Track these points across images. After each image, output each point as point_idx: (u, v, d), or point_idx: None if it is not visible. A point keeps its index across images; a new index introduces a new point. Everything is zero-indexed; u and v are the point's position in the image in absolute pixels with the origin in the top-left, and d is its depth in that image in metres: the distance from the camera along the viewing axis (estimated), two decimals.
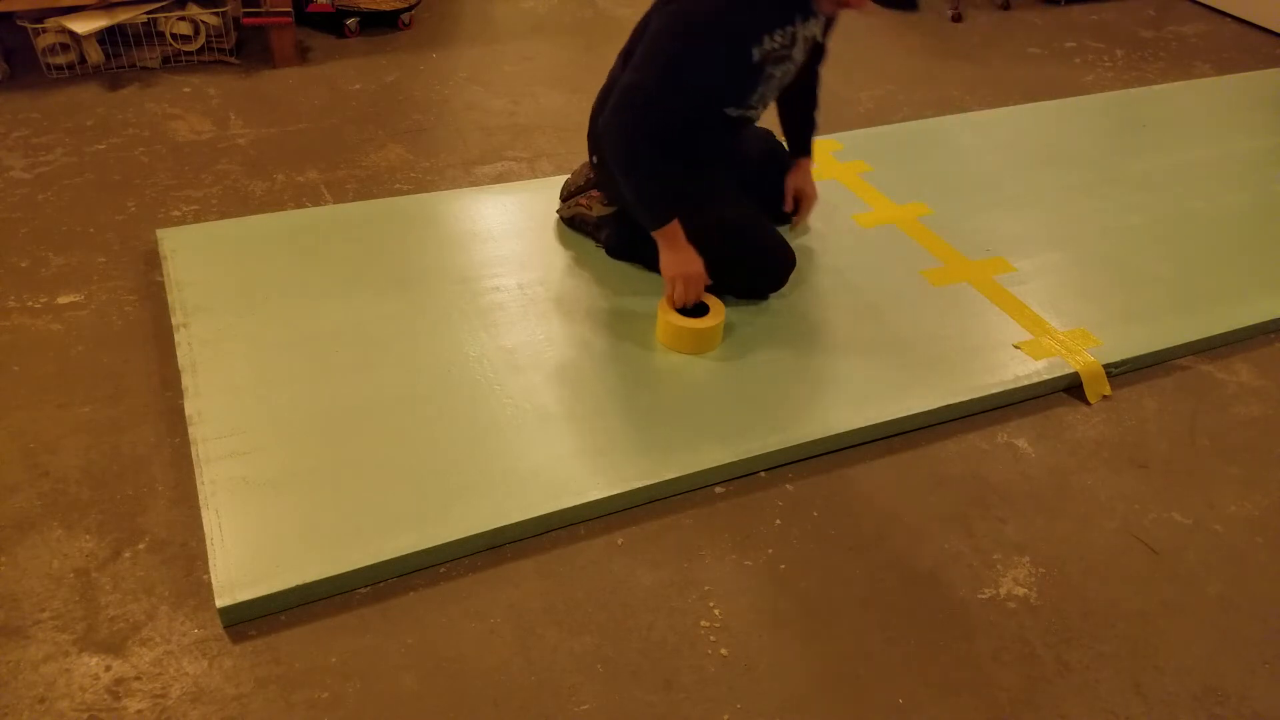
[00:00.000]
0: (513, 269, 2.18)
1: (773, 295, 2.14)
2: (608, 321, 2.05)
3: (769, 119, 2.26)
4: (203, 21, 2.96)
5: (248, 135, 2.70)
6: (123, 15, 2.85)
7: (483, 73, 3.14)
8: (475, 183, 2.56)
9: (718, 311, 2.00)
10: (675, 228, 1.96)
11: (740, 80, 1.97)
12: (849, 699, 1.44)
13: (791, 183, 2.27)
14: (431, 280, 2.13)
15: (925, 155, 2.77)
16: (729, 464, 1.75)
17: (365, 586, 1.54)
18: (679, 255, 1.98)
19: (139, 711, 1.36)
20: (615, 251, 2.22)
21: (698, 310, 2.01)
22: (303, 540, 1.55)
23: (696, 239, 2.00)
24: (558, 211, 2.35)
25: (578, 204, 2.29)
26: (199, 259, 2.14)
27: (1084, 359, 2.03)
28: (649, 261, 2.16)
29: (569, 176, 2.38)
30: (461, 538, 1.58)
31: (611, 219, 2.22)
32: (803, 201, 2.29)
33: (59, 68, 2.90)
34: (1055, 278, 2.29)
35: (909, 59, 3.43)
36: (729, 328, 2.04)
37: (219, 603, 1.46)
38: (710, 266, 2.03)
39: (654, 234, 1.98)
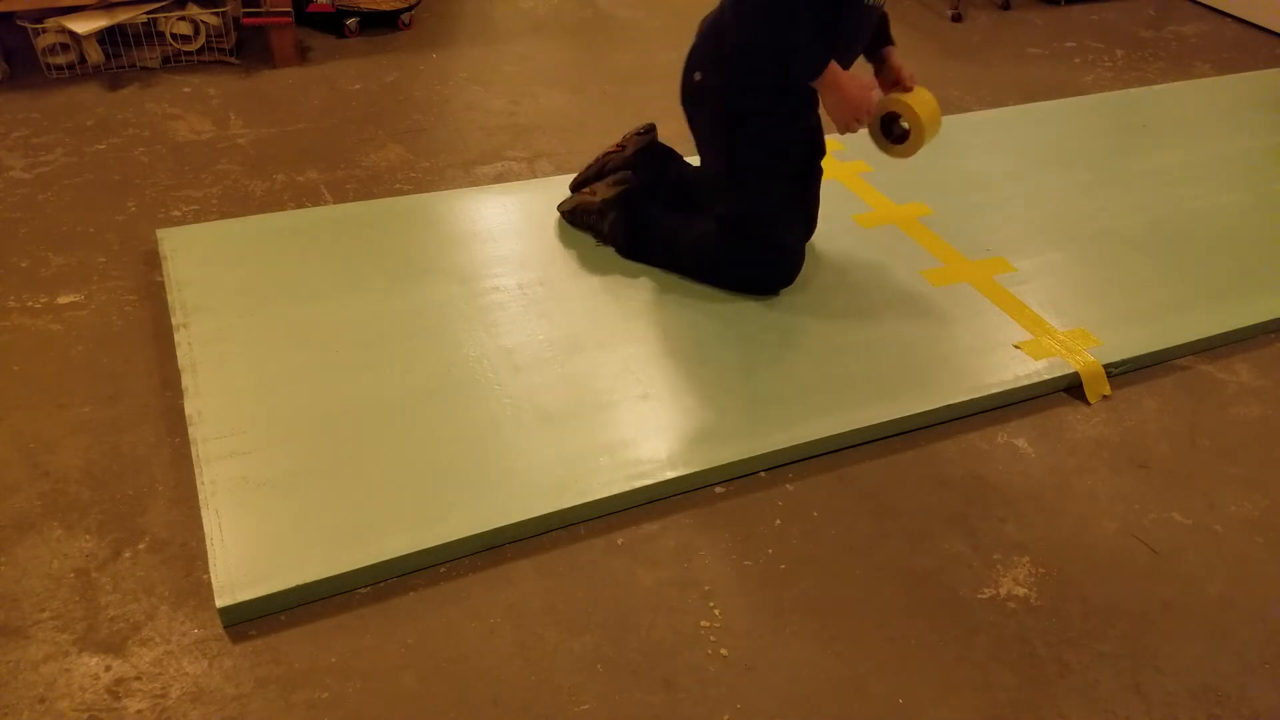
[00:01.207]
0: (513, 269, 2.18)
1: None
2: (608, 321, 2.05)
3: None
4: (203, 21, 2.96)
5: (248, 135, 2.70)
6: (123, 15, 2.85)
7: (483, 73, 3.14)
8: (475, 183, 2.56)
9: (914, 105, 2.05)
10: (833, 69, 1.92)
11: None
12: (849, 699, 1.44)
13: (894, 61, 2.16)
14: (431, 280, 2.13)
15: (925, 155, 2.76)
16: (729, 464, 1.75)
17: (365, 586, 1.54)
18: (844, 96, 1.93)
19: (139, 711, 1.36)
20: (627, 250, 2.22)
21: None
22: (303, 540, 1.55)
23: (713, 228, 2.03)
24: (560, 206, 2.34)
25: (582, 195, 2.29)
26: (199, 259, 2.14)
27: (1084, 359, 2.03)
28: (660, 260, 2.17)
29: (579, 174, 2.37)
30: (461, 538, 1.58)
31: (617, 201, 2.21)
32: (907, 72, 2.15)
33: (59, 68, 2.90)
34: (1055, 278, 2.29)
35: (909, 59, 3.42)
36: (730, 327, 2.04)
37: (219, 603, 1.46)
38: (721, 257, 2.06)
39: (815, 84, 1.94)
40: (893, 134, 2.13)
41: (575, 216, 2.31)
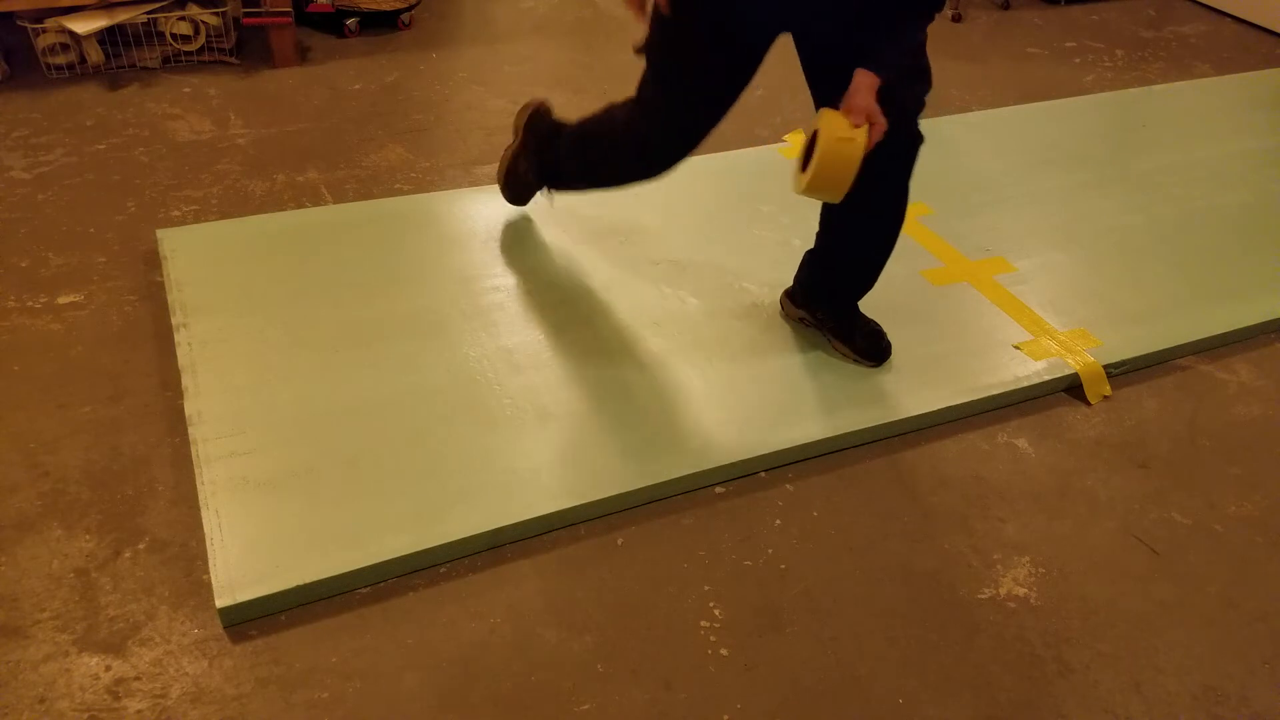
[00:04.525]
0: (513, 269, 2.18)
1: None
2: (607, 321, 2.05)
3: None
4: (203, 21, 2.96)
5: (248, 135, 2.70)
6: (123, 15, 2.85)
7: (483, 73, 3.14)
8: (475, 183, 2.56)
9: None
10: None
11: None
12: (849, 699, 1.44)
13: (852, 83, 1.74)
14: (431, 280, 2.13)
15: (925, 155, 2.76)
16: (729, 464, 1.75)
17: (365, 586, 1.54)
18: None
19: (139, 711, 1.36)
20: (542, 158, 2.15)
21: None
22: (303, 540, 1.55)
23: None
24: (502, 188, 2.30)
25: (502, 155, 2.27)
26: (199, 259, 2.14)
27: (1084, 359, 2.03)
28: (570, 162, 2.10)
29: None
30: (461, 538, 1.58)
31: (531, 116, 2.17)
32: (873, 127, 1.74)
33: (59, 68, 2.90)
34: (1055, 278, 2.29)
35: None
36: (730, 326, 2.04)
37: (219, 603, 1.46)
38: (591, 139, 2.02)
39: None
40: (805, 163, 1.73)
41: (513, 182, 2.25)
